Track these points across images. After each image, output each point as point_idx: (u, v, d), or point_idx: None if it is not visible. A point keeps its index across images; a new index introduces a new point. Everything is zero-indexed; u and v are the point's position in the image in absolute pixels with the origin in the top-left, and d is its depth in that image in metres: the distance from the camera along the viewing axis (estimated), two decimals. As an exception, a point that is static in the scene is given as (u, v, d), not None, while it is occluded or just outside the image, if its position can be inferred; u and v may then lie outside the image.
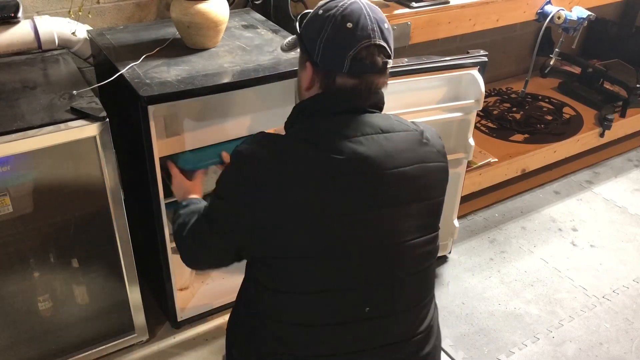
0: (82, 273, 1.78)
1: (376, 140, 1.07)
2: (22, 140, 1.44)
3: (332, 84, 1.09)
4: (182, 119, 1.77)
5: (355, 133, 1.07)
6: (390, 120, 1.13)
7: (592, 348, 2.06)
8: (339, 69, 1.07)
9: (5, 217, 1.56)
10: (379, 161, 1.06)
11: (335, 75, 1.08)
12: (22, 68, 1.76)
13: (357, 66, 1.06)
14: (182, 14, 1.74)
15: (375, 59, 1.07)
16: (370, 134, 1.08)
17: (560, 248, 2.53)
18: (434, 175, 1.14)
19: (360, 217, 1.06)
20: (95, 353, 1.87)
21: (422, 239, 1.13)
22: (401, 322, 1.14)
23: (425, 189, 1.12)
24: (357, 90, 1.09)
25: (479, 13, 2.16)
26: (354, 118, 1.09)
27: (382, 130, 1.09)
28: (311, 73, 1.11)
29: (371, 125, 1.09)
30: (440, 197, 1.17)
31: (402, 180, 1.08)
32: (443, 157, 1.17)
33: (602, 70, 3.24)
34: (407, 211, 1.10)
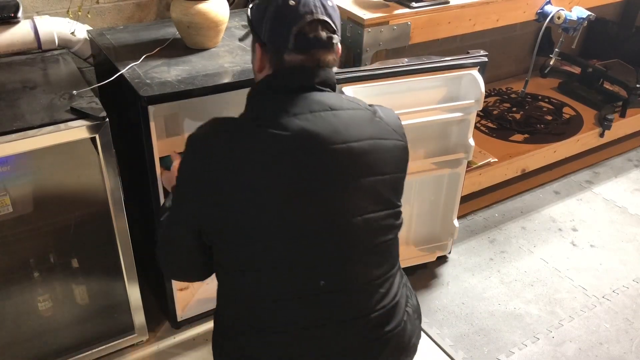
0: (82, 273, 1.78)
1: (324, 116, 1.09)
2: (22, 140, 1.44)
3: (281, 61, 1.11)
4: (182, 119, 1.77)
5: (302, 110, 1.09)
6: (340, 99, 1.14)
7: (592, 348, 2.07)
8: (284, 46, 1.10)
9: (5, 217, 1.56)
10: (326, 137, 1.08)
11: (282, 53, 1.11)
12: (22, 68, 1.77)
13: (302, 41, 1.09)
14: (182, 14, 1.74)
15: (319, 34, 1.10)
16: (318, 110, 1.10)
17: (560, 248, 2.53)
18: (387, 152, 1.15)
19: (310, 192, 1.08)
20: (95, 353, 1.87)
21: (377, 214, 1.13)
22: (359, 297, 1.14)
23: (377, 165, 1.13)
24: (305, 67, 1.11)
25: (479, 13, 2.16)
26: (302, 96, 1.11)
27: (330, 108, 1.11)
28: (260, 54, 1.14)
29: (319, 103, 1.11)
30: (397, 173, 1.18)
31: (351, 155, 1.09)
32: (399, 136, 1.19)
33: (602, 70, 3.24)
34: (358, 186, 1.11)
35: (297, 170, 1.07)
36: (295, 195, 1.07)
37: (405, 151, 1.21)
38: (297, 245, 1.09)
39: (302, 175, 1.07)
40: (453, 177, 2.21)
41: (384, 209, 1.15)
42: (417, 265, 2.33)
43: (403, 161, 1.20)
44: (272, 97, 1.12)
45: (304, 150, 1.07)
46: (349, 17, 1.98)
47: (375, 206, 1.13)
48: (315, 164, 1.08)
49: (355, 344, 1.16)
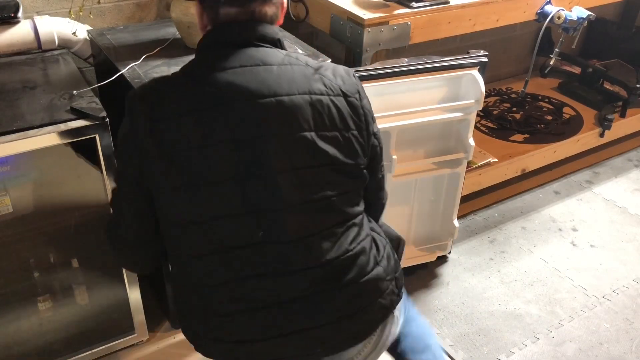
0: (82, 273, 1.78)
1: (253, 71, 1.10)
2: (22, 140, 1.44)
3: (217, 16, 1.13)
4: (182, 119, 1.77)
5: (232, 64, 1.10)
6: (277, 55, 1.14)
7: (592, 348, 2.07)
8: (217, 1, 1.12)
9: (5, 217, 1.56)
10: (253, 90, 1.08)
11: (217, 8, 1.13)
12: (22, 68, 1.76)
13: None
14: (182, 14, 1.74)
15: None
16: (249, 65, 1.10)
17: (560, 248, 2.53)
18: (327, 108, 1.13)
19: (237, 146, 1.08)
20: (95, 353, 1.87)
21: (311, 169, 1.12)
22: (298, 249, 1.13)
23: (314, 120, 1.11)
24: (240, 21, 1.13)
25: (479, 13, 2.16)
26: (235, 51, 1.12)
27: (262, 62, 1.11)
28: (200, 11, 1.17)
29: (251, 57, 1.11)
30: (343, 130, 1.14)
31: (281, 109, 1.09)
32: (348, 92, 1.16)
33: (602, 70, 3.24)
34: (290, 140, 1.10)
35: (224, 124, 1.07)
36: (223, 149, 1.07)
37: (355, 108, 1.17)
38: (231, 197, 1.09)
39: (230, 129, 1.07)
40: (453, 177, 2.21)
41: (322, 164, 1.13)
42: (417, 265, 2.33)
43: (351, 118, 1.16)
44: (207, 53, 1.14)
45: (232, 104, 1.08)
46: (349, 17, 1.98)
47: (310, 161, 1.11)
48: (243, 117, 1.08)
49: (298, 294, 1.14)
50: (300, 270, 1.13)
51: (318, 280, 1.14)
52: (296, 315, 1.15)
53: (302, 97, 1.11)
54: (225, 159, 1.08)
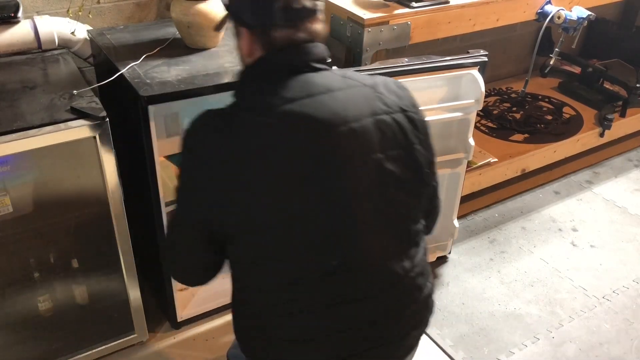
0: (82, 273, 1.78)
1: (321, 100, 1.06)
2: (22, 140, 1.44)
3: (271, 40, 1.08)
4: (182, 119, 1.77)
5: (300, 95, 1.06)
6: (335, 78, 1.11)
7: (592, 348, 2.07)
8: (271, 22, 1.06)
9: (5, 217, 1.56)
10: (326, 121, 1.05)
11: (270, 30, 1.07)
12: (22, 68, 1.76)
13: (289, 14, 1.06)
14: (182, 14, 1.74)
15: (304, 3, 1.07)
16: (315, 94, 1.06)
17: (560, 248, 2.53)
18: (391, 126, 1.10)
19: (314, 178, 1.05)
20: (95, 353, 1.87)
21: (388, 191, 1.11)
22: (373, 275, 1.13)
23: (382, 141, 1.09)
24: (296, 44, 1.08)
25: (479, 13, 2.16)
26: (297, 79, 1.08)
27: (327, 90, 1.07)
28: (248, 37, 1.10)
29: (316, 85, 1.07)
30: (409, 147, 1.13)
31: (353, 136, 1.06)
32: (405, 107, 1.14)
33: (602, 70, 3.24)
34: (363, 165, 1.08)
35: (300, 158, 1.05)
36: (300, 183, 1.05)
37: (414, 122, 1.14)
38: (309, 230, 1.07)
39: (305, 162, 1.05)
40: (453, 177, 2.21)
41: (392, 185, 1.12)
42: (417, 265, 2.33)
43: (414, 131, 1.14)
44: (265, 82, 1.09)
45: (307, 137, 1.05)
46: (349, 17, 1.98)
47: (381, 183, 1.10)
48: (318, 150, 1.05)
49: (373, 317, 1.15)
50: (373, 296, 1.14)
51: (392, 301, 1.16)
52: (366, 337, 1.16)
53: (369, 120, 1.08)
54: (303, 192, 1.05)
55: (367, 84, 1.13)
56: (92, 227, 1.72)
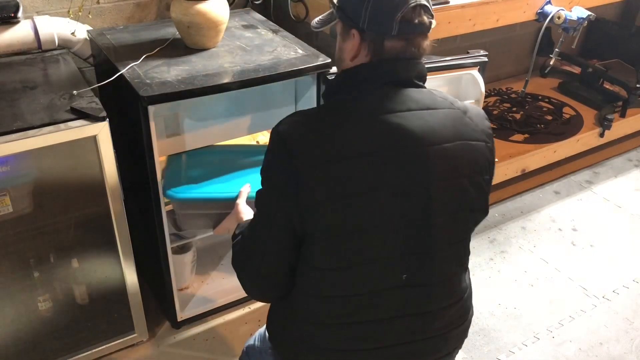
0: (82, 273, 1.78)
1: (420, 116, 1.08)
2: (22, 140, 1.44)
3: (381, 48, 1.08)
4: (182, 119, 1.77)
5: (401, 107, 1.07)
6: (434, 97, 1.13)
7: (592, 348, 2.07)
8: (388, 32, 1.07)
9: (5, 217, 1.56)
10: (424, 136, 1.06)
11: (383, 39, 1.08)
12: (22, 68, 1.76)
13: (406, 27, 1.06)
14: (182, 14, 1.74)
15: (423, 19, 1.08)
16: (415, 109, 1.08)
17: (560, 248, 2.53)
18: (475, 153, 1.13)
19: (402, 191, 1.07)
20: (95, 353, 1.87)
21: (463, 215, 1.15)
22: (438, 291, 1.17)
23: (466, 166, 1.12)
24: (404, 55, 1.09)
25: (479, 13, 2.16)
26: (399, 92, 1.09)
27: (427, 107, 1.09)
28: (358, 41, 1.10)
29: (416, 101, 1.09)
30: (484, 175, 1.16)
31: (444, 156, 1.09)
32: (487, 137, 1.17)
33: (602, 70, 3.24)
34: (449, 186, 1.10)
35: (393, 169, 1.05)
36: (389, 193, 1.06)
37: (492, 153, 1.18)
38: (388, 241, 1.09)
39: (397, 174, 1.06)
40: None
41: (469, 209, 1.15)
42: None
43: (489, 162, 1.17)
44: (368, 89, 1.10)
45: (402, 149, 1.06)
46: (349, 17, 1.97)
47: (461, 207, 1.13)
48: (412, 164, 1.06)
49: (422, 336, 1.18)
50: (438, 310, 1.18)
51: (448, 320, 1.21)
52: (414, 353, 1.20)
53: (460, 144, 1.10)
54: (391, 206, 1.06)
55: (460, 108, 1.15)
56: (92, 227, 1.72)
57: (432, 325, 1.18)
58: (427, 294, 1.15)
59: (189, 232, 2.00)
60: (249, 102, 1.87)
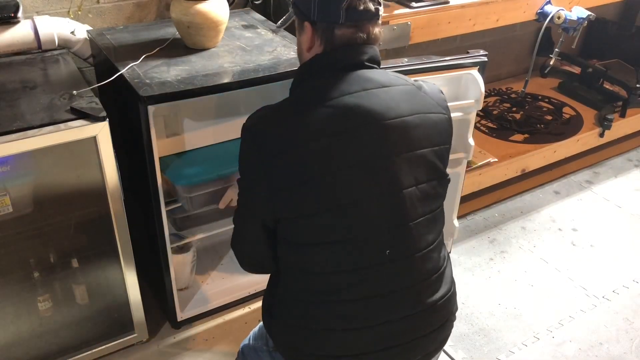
0: (82, 273, 1.78)
1: (377, 93, 1.14)
2: (22, 140, 1.44)
3: (332, 37, 1.15)
4: (182, 119, 1.77)
5: (356, 88, 1.13)
6: (388, 75, 1.19)
7: (592, 348, 2.07)
8: (336, 20, 1.14)
9: (5, 217, 1.56)
10: (381, 112, 1.12)
11: (333, 28, 1.15)
12: (22, 68, 1.77)
13: (352, 14, 1.13)
14: (182, 14, 1.74)
15: (368, 6, 1.14)
16: (371, 88, 1.14)
17: (560, 248, 2.53)
18: (434, 125, 1.19)
19: (370, 166, 1.11)
20: (95, 353, 1.87)
21: (429, 184, 1.18)
22: (418, 264, 1.19)
23: (427, 137, 1.17)
24: (355, 43, 1.16)
25: (479, 13, 2.16)
26: (354, 74, 1.15)
27: (382, 85, 1.15)
28: (311, 33, 1.18)
29: (371, 80, 1.15)
30: (444, 145, 1.21)
31: (405, 129, 1.14)
32: (444, 109, 1.22)
33: (602, 70, 3.24)
34: (412, 158, 1.15)
35: (356, 146, 1.10)
36: (357, 169, 1.11)
37: (449, 123, 1.23)
38: (361, 218, 1.12)
39: (361, 151, 1.11)
40: (453, 177, 2.20)
41: (435, 178, 1.19)
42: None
43: (447, 133, 1.23)
44: (324, 76, 1.16)
45: (362, 127, 1.11)
46: (349, 17, 1.97)
47: (427, 176, 1.17)
48: (373, 139, 1.12)
49: (411, 310, 1.19)
50: (422, 283, 1.19)
51: (436, 288, 1.22)
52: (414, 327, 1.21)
53: (418, 117, 1.16)
54: (360, 182, 1.11)
55: (414, 84, 1.21)
56: (92, 227, 1.72)
57: (419, 299, 1.20)
58: (407, 267, 1.17)
59: (188, 232, 2.00)
60: (249, 102, 1.87)
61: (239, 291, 2.13)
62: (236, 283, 2.16)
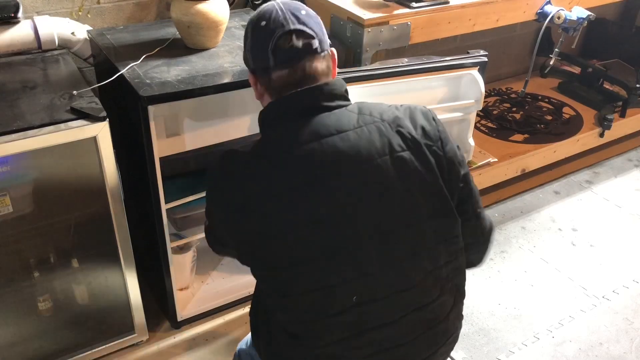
0: (82, 273, 1.78)
1: (330, 142, 1.07)
2: (22, 140, 1.44)
3: (269, 81, 1.13)
4: (182, 119, 1.77)
5: (309, 138, 1.07)
6: (350, 117, 1.10)
7: (592, 348, 2.07)
8: (267, 65, 1.11)
9: (5, 217, 1.56)
10: (335, 164, 1.07)
11: (269, 73, 1.12)
12: (22, 68, 1.76)
13: (280, 55, 1.10)
14: (182, 14, 1.74)
15: (293, 43, 1.09)
16: (326, 136, 1.07)
17: (560, 248, 2.53)
18: (409, 164, 1.09)
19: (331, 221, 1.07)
20: (95, 353, 1.88)
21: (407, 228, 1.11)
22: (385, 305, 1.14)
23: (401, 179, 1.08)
24: (293, 80, 1.10)
25: (479, 13, 2.16)
26: (307, 122, 1.09)
27: (337, 131, 1.08)
28: (254, 81, 1.17)
29: (325, 126, 1.08)
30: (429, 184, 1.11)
31: (365, 176, 1.07)
32: (429, 143, 1.11)
33: (602, 70, 3.24)
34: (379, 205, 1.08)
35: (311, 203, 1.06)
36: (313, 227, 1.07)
37: (438, 157, 1.12)
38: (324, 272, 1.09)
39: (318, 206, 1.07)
40: (453, 177, 2.21)
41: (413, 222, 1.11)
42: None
43: (437, 167, 1.12)
44: (277, 127, 1.13)
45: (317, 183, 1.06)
46: (349, 17, 1.98)
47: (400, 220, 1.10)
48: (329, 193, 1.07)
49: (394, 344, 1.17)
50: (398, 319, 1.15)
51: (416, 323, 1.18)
52: None
53: (383, 160, 1.07)
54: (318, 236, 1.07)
55: (387, 120, 1.11)
56: (92, 227, 1.72)
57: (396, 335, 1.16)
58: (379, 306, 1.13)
59: (188, 232, 2.00)
60: (249, 102, 1.87)
61: (239, 291, 2.13)
62: (236, 283, 2.16)
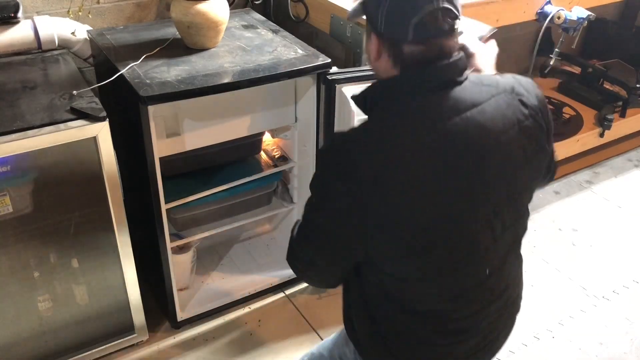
0: (82, 273, 1.78)
1: (470, 117, 1.02)
2: (22, 140, 1.44)
3: (400, 53, 1.03)
4: (182, 119, 1.77)
5: (449, 114, 1.02)
6: (478, 90, 1.07)
7: (592, 348, 2.07)
8: (403, 38, 1.01)
9: (5, 217, 1.56)
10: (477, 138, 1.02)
11: (401, 45, 1.02)
12: (22, 68, 1.76)
13: (421, 33, 1.00)
14: (182, 14, 1.74)
15: (440, 24, 1.00)
16: (463, 111, 1.03)
17: (560, 248, 2.53)
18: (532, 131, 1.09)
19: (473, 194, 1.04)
20: (95, 353, 1.88)
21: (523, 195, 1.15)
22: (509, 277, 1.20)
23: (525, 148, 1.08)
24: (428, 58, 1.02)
25: (478, 13, 2.15)
26: (442, 97, 1.03)
27: (473, 105, 1.04)
28: (377, 44, 1.05)
29: (463, 102, 1.03)
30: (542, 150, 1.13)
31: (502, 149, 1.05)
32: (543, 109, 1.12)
33: (602, 70, 3.24)
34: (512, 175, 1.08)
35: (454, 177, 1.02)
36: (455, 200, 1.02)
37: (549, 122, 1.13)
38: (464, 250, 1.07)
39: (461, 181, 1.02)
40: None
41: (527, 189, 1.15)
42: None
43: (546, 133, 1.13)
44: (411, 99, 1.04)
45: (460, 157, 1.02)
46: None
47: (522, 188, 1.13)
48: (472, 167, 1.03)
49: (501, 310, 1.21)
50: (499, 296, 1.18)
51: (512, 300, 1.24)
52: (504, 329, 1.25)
53: (514, 130, 1.06)
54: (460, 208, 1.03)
55: (507, 89, 1.10)
56: (92, 227, 1.72)
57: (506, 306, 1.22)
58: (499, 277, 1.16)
59: (189, 232, 2.00)
60: (249, 102, 1.87)
61: (239, 291, 2.13)
62: (236, 283, 2.16)
